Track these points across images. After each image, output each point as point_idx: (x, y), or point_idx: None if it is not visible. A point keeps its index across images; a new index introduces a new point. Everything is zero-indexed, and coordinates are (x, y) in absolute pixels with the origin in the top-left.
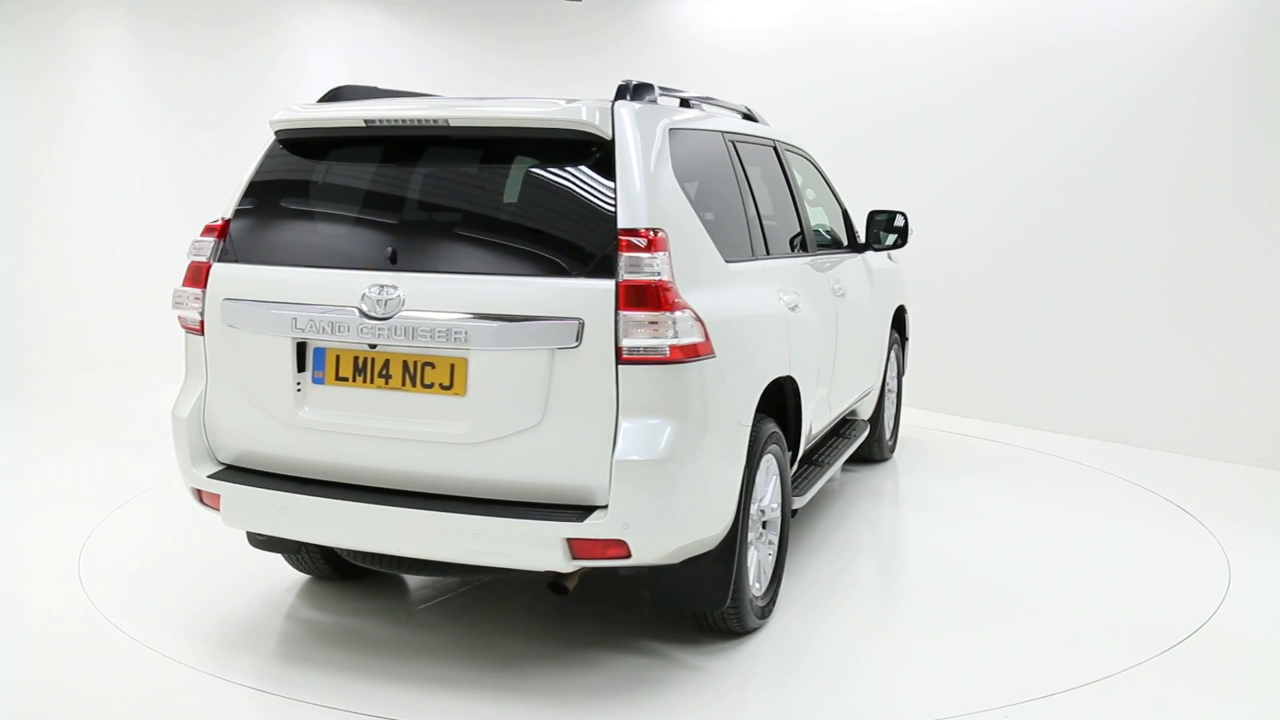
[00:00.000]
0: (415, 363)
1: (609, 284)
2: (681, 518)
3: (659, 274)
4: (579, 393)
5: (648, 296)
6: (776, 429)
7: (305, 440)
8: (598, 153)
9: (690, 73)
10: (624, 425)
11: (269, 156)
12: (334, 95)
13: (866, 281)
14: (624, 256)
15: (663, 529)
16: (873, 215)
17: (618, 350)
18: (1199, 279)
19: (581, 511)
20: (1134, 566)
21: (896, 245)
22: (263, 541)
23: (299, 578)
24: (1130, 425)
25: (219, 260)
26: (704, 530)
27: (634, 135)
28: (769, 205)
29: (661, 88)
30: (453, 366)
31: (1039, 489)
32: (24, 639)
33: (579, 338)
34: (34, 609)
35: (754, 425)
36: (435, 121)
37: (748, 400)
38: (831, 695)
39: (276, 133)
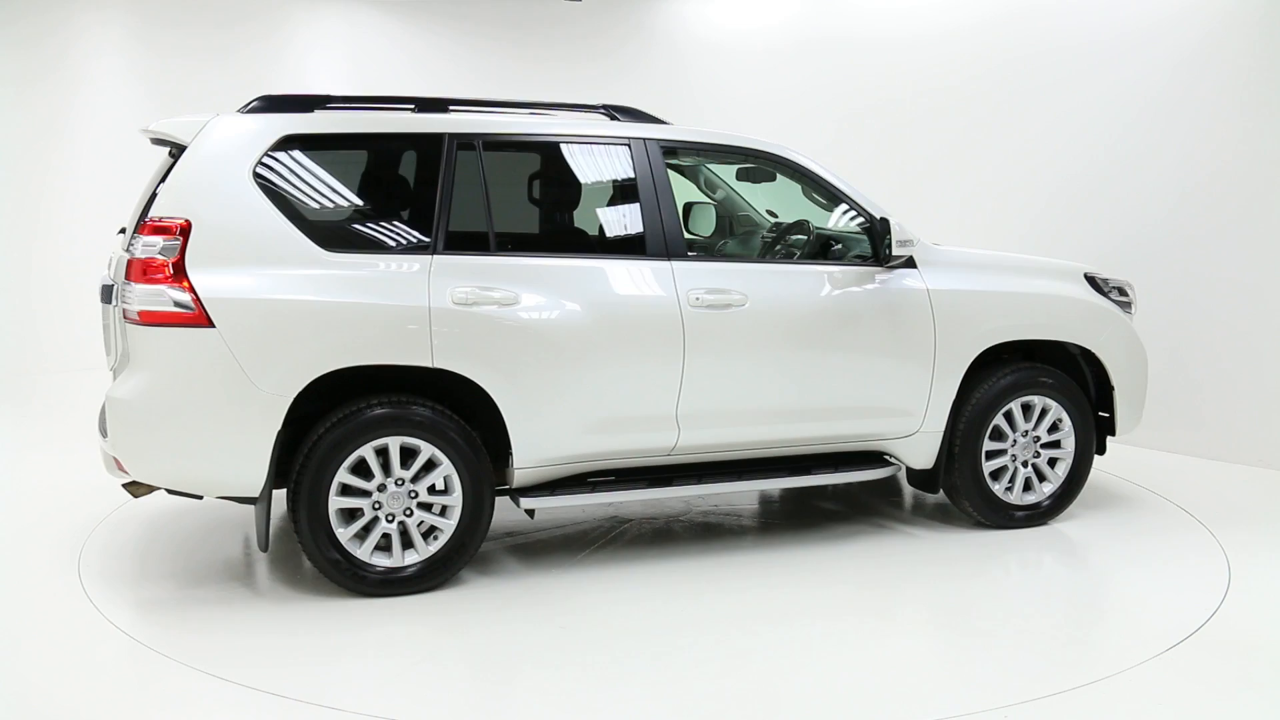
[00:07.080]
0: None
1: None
2: (157, 454)
3: (153, 254)
4: (123, 342)
5: (136, 270)
6: (431, 416)
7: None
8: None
9: (692, 72)
10: (125, 369)
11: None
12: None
13: (859, 303)
14: (137, 238)
15: (137, 458)
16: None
17: (123, 311)
18: (1199, 279)
19: None
20: (1134, 566)
21: (886, 259)
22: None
23: (302, 579)
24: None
25: None
26: (212, 474)
27: (206, 142)
28: (534, 204)
29: (344, 97)
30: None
31: None
32: (24, 639)
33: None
34: (34, 609)
35: (364, 407)
36: (144, 130)
37: (285, 375)
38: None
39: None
